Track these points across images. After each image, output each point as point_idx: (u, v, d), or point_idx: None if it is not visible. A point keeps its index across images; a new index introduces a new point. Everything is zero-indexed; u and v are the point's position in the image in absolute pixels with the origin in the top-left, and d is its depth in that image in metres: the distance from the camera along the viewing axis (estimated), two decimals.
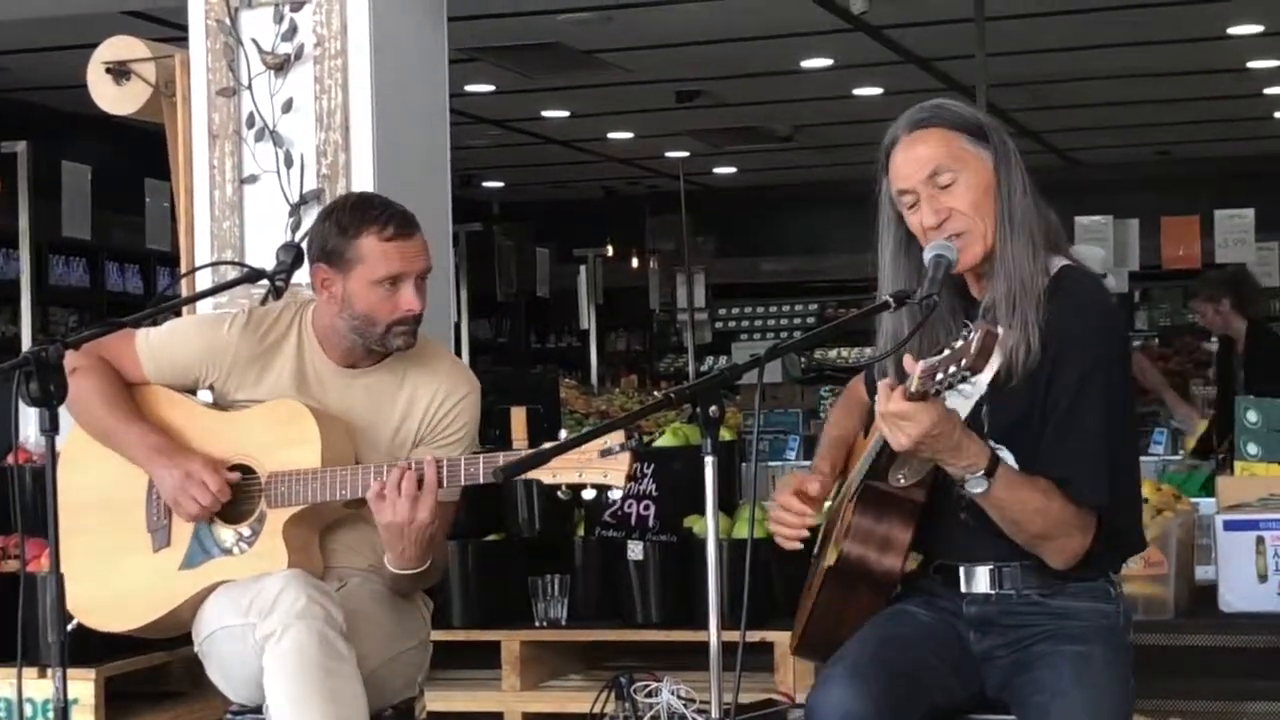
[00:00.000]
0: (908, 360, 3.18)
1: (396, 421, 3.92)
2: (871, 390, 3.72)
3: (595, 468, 3.51)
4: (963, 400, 3.24)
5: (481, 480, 3.70)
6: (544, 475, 3.49)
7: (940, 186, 3.37)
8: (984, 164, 3.39)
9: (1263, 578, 4.80)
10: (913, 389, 3.12)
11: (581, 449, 3.46)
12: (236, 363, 3.94)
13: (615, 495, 3.54)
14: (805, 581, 3.75)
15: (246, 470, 3.85)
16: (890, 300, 3.36)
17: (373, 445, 3.90)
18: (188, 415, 3.96)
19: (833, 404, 3.87)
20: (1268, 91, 13.45)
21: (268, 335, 3.96)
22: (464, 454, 3.87)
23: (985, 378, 3.08)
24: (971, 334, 3.04)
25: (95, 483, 3.95)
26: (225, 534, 3.84)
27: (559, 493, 3.53)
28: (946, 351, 3.07)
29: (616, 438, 3.47)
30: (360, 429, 3.91)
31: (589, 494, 3.52)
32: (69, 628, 3.44)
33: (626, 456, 3.47)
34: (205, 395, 4.03)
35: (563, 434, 3.60)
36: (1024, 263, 3.36)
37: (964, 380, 3.05)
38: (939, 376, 3.06)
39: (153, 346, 3.97)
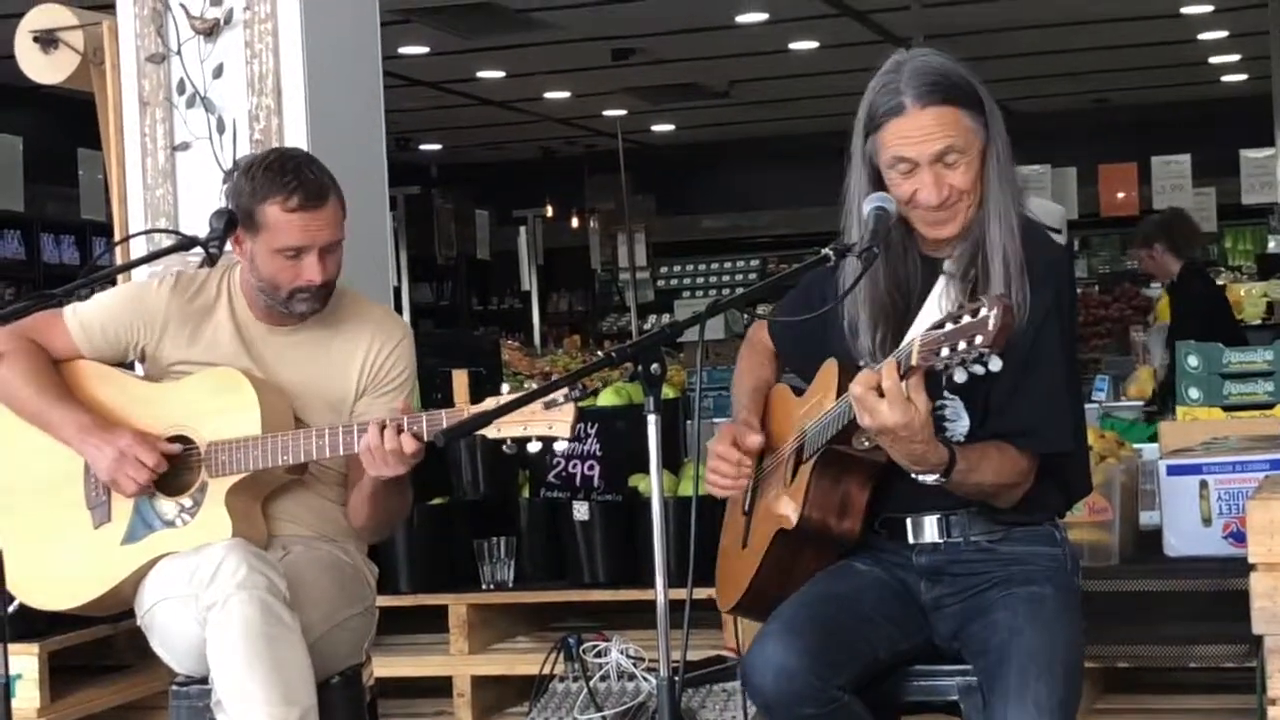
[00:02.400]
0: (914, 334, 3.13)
1: (335, 376, 3.90)
2: (781, 343, 3.71)
3: (539, 420, 3.49)
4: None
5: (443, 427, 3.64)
6: (488, 430, 3.47)
7: (946, 164, 3.33)
8: (981, 140, 3.36)
9: (1207, 521, 4.81)
10: (912, 362, 3.05)
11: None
12: (168, 323, 3.90)
13: (561, 446, 3.51)
14: (723, 535, 3.74)
15: (184, 441, 3.81)
16: (830, 254, 3.34)
17: (311, 403, 3.88)
18: (122, 389, 3.91)
19: (741, 352, 3.82)
20: (1202, 37, 13.49)
21: (196, 297, 3.93)
22: (408, 399, 3.88)
23: (999, 361, 2.98)
24: (986, 310, 2.94)
25: (30, 462, 3.89)
26: (166, 506, 3.80)
27: (504, 447, 3.51)
28: (950, 326, 2.99)
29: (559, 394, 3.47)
30: (298, 386, 3.88)
31: (534, 446, 3.50)
32: (11, 609, 3.39)
33: (570, 407, 3.45)
34: (139, 370, 3.99)
35: (505, 388, 3.59)
36: (1015, 236, 3.33)
37: (979, 360, 2.96)
38: (944, 352, 2.99)
39: (82, 320, 3.92)
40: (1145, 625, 4.80)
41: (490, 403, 3.51)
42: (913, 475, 3.26)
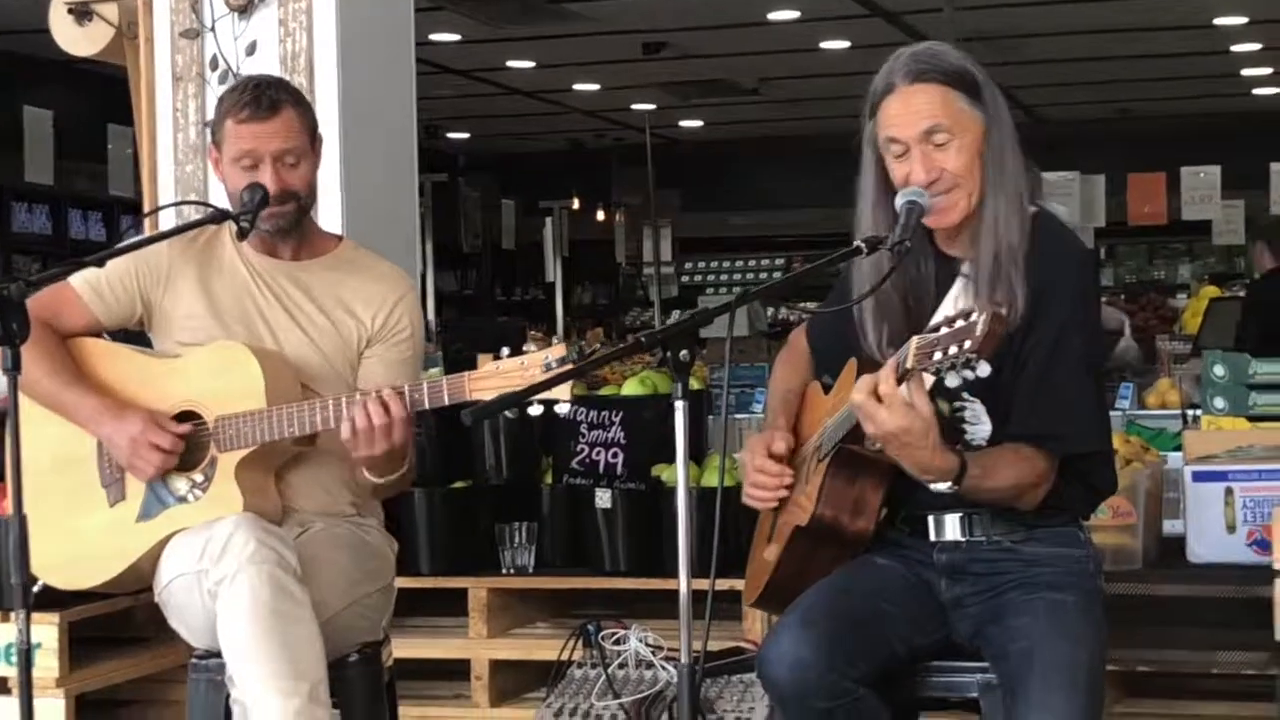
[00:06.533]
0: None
1: (346, 314, 3.94)
2: (815, 342, 3.71)
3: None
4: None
5: (447, 401, 3.68)
6: (488, 394, 3.53)
7: (935, 145, 3.33)
8: (978, 125, 3.36)
9: (1231, 528, 4.80)
10: (908, 365, 3.05)
11: (524, 366, 3.53)
12: (173, 266, 3.93)
13: (563, 410, 3.53)
14: (757, 531, 3.75)
15: (194, 416, 3.82)
16: (862, 245, 3.33)
17: (325, 334, 3.92)
18: (132, 367, 3.92)
19: (778, 356, 3.83)
20: (1234, 49, 13.46)
21: (196, 241, 3.97)
22: (415, 354, 3.98)
23: (987, 367, 2.98)
24: (977, 316, 2.95)
25: (44, 443, 3.89)
26: (179, 483, 3.81)
27: (506, 411, 3.54)
28: (945, 330, 3.00)
29: (557, 351, 3.51)
30: (312, 317, 3.92)
31: (535, 410, 3.52)
32: (34, 589, 3.40)
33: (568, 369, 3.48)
34: (152, 336, 4.00)
35: (504, 352, 3.61)
36: (1012, 223, 3.33)
37: (967, 365, 2.96)
38: (937, 356, 2.99)
39: (90, 281, 3.92)
40: (1167, 630, 4.80)
41: (490, 367, 3.58)
42: (925, 483, 3.25)
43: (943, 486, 3.23)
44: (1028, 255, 3.33)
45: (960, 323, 2.98)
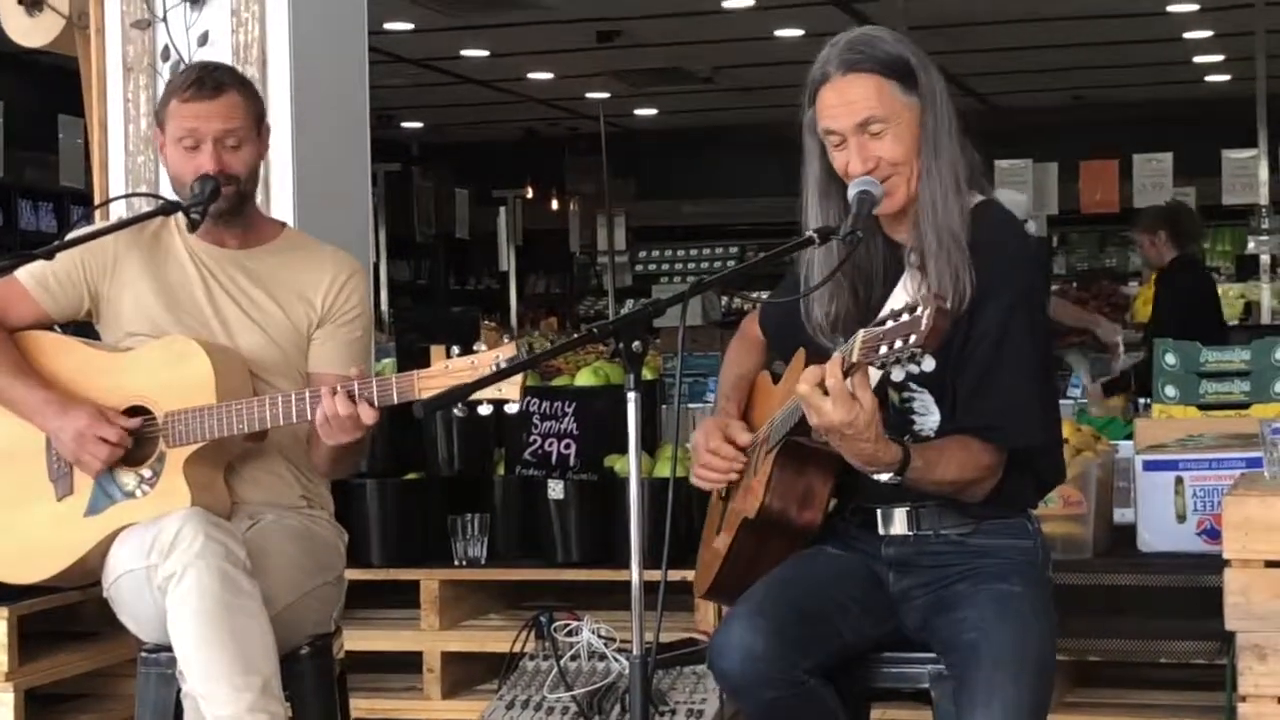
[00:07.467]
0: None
1: (294, 298, 3.94)
2: (767, 329, 3.72)
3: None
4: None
5: (396, 400, 3.68)
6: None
7: (871, 134, 3.34)
8: (913, 113, 3.36)
9: (1181, 518, 4.82)
10: (853, 359, 3.06)
11: (474, 365, 3.52)
12: (119, 254, 3.92)
13: (512, 409, 3.53)
14: (707, 522, 3.75)
15: (143, 411, 3.81)
16: (815, 236, 3.34)
17: (274, 320, 3.92)
18: (81, 360, 3.90)
19: (731, 343, 3.84)
20: (1187, 36, 13.50)
21: (143, 232, 3.96)
22: (365, 334, 3.99)
23: (932, 361, 2.99)
24: (921, 310, 2.96)
25: None
26: (127, 477, 3.80)
27: (455, 409, 3.54)
28: (891, 324, 3.00)
29: (508, 351, 3.53)
30: (260, 303, 3.92)
31: (485, 409, 3.51)
32: None
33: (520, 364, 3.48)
34: (99, 328, 3.99)
35: (455, 350, 3.60)
36: (951, 210, 3.34)
37: (912, 359, 2.97)
38: (883, 350, 3.00)
39: (33, 272, 3.90)
40: (1117, 620, 4.81)
41: (439, 365, 3.57)
42: (869, 474, 3.26)
43: (885, 477, 3.24)
44: (971, 244, 3.34)
45: (905, 317, 2.98)
